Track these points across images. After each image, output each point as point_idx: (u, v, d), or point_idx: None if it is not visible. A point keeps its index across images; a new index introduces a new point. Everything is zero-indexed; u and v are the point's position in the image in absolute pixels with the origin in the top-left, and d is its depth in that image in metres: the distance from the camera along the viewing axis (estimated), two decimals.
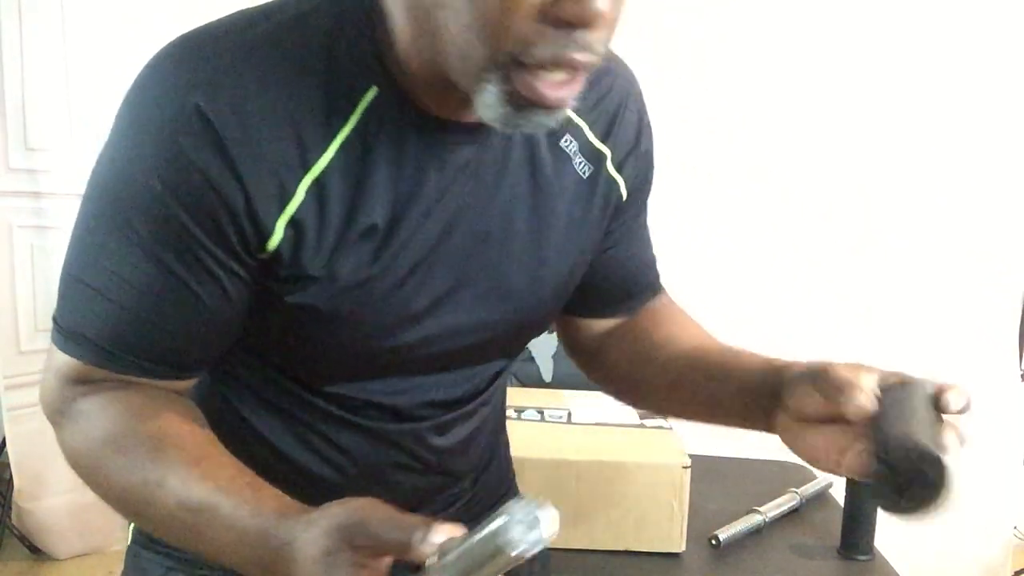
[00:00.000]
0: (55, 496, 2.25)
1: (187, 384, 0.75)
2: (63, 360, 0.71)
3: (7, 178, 2.25)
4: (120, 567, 0.90)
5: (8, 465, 2.27)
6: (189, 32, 0.69)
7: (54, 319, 0.72)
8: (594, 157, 0.82)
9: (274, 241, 0.68)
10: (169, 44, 0.68)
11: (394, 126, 0.70)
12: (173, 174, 0.65)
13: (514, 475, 1.04)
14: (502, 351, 0.87)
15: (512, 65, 0.61)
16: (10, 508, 2.27)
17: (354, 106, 0.69)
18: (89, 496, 0.71)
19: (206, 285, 0.68)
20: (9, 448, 2.25)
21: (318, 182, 0.68)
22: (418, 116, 0.70)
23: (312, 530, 0.59)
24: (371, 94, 0.69)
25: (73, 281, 0.70)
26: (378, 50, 0.69)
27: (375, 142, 0.69)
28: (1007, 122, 2.24)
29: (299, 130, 0.67)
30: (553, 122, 0.66)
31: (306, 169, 0.67)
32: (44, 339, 0.75)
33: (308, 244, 0.69)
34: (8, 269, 2.26)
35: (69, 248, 0.70)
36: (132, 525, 0.88)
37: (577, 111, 0.79)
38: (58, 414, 0.73)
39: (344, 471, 0.82)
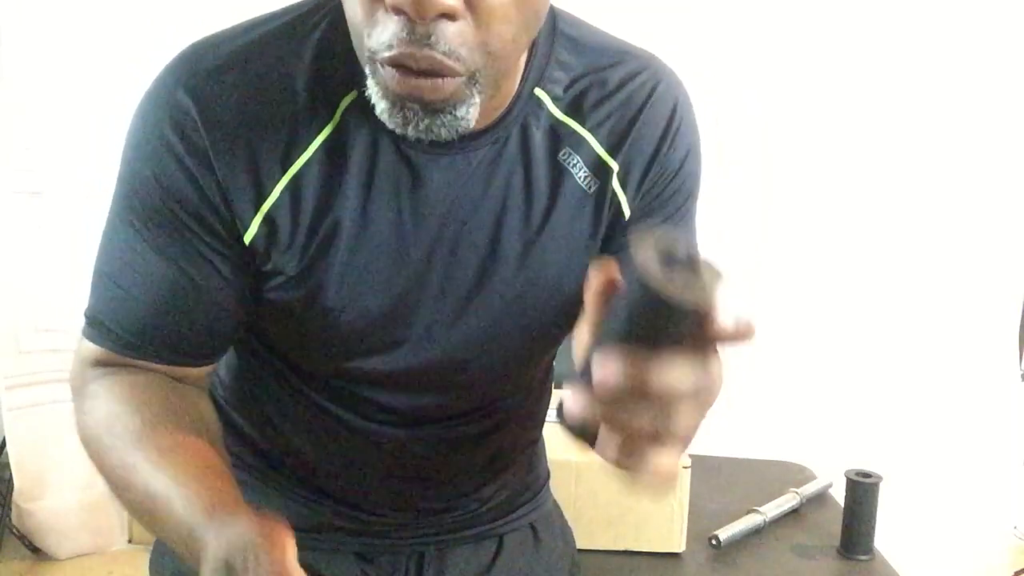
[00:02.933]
0: (55, 496, 2.24)
1: (201, 371, 0.78)
2: (85, 346, 0.76)
3: (6, 178, 2.25)
4: (120, 567, 0.92)
5: (8, 465, 2.26)
6: (195, 41, 0.72)
7: (84, 313, 0.76)
8: (600, 171, 0.76)
9: (249, 235, 0.71)
10: (177, 53, 0.72)
11: (369, 130, 0.70)
12: (162, 166, 0.69)
13: (531, 505, 0.99)
14: (489, 372, 0.83)
15: (379, 60, 0.60)
16: (10, 508, 2.27)
17: (335, 109, 0.70)
18: (89, 496, 0.73)
19: (203, 271, 0.72)
20: (9, 448, 2.24)
21: (294, 181, 0.70)
22: None
23: (219, 539, 0.61)
24: (351, 97, 0.70)
25: (97, 274, 0.74)
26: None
27: (352, 145, 0.70)
28: (1007, 123, 2.24)
29: (282, 131, 0.69)
30: (444, 128, 0.62)
31: (285, 169, 0.70)
32: (44, 339, 0.79)
33: (281, 241, 0.71)
34: (8, 269, 2.26)
35: (99, 244, 0.75)
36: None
37: (582, 122, 0.75)
38: (76, 394, 0.77)
39: (333, 461, 0.86)
